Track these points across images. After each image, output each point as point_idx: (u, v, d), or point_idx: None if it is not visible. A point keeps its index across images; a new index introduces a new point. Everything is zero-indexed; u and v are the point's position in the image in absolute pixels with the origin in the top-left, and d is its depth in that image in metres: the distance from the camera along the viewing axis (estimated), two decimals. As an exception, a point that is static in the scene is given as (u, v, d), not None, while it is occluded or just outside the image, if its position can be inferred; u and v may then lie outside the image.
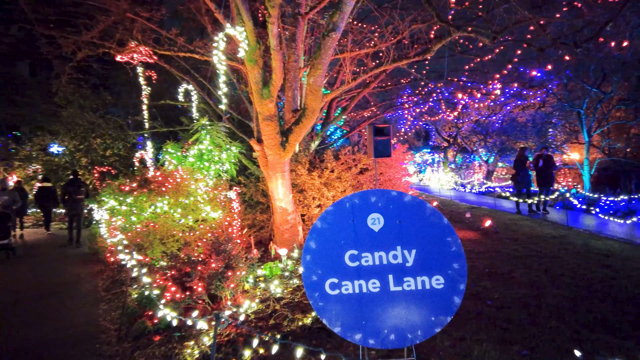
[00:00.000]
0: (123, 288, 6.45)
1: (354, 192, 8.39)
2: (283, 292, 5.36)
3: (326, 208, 8.40)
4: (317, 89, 6.53)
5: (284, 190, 7.31)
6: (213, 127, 10.75)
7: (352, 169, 8.66)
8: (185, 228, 8.29)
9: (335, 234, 2.85)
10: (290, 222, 7.47)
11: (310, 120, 6.80)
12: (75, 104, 16.67)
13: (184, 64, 12.40)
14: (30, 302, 6.20)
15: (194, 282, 4.39)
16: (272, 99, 6.53)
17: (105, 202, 8.88)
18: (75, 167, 16.47)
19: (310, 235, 2.95)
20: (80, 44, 7.55)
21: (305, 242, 2.97)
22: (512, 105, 22.36)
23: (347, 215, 2.83)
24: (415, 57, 7.57)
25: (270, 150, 6.96)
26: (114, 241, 8.04)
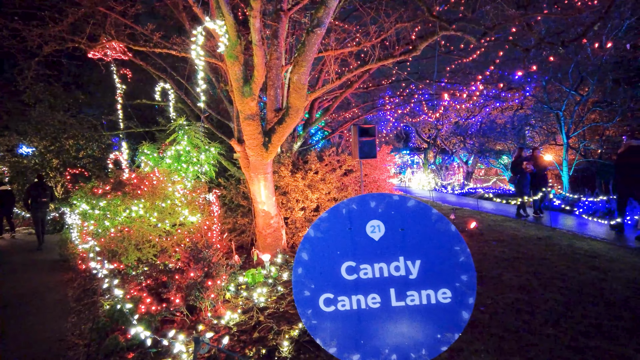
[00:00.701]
0: (94, 298, 6.04)
1: (341, 195, 8.14)
2: (267, 301, 5.07)
3: (314, 211, 8.17)
4: (301, 87, 6.27)
5: (266, 193, 7.01)
6: (191, 127, 10.36)
7: (337, 171, 8.43)
8: (162, 233, 7.89)
9: (330, 244, 2.58)
10: (273, 226, 7.17)
11: (294, 119, 6.54)
12: (45, 103, 15.91)
13: (161, 62, 11.94)
14: (-9, 316, 5.72)
15: (171, 293, 4.06)
16: (254, 97, 6.23)
17: (77, 205, 8.39)
18: (46, 169, 15.73)
19: (302, 245, 2.68)
20: (47, 37, 7.06)
21: (296, 254, 2.69)
22: (491, 107, 22.63)
23: (343, 222, 2.57)
24: (401, 55, 7.40)
25: (252, 151, 6.66)
26: (86, 247, 7.58)
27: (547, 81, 15.66)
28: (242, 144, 7.24)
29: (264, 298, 5.11)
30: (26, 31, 7.12)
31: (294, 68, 6.15)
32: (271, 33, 6.77)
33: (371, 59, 7.39)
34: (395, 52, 7.41)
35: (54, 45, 7.31)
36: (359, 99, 17.10)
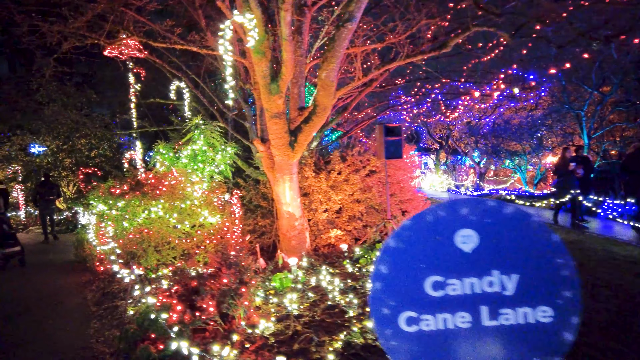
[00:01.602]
0: (116, 302, 5.84)
1: (365, 196, 7.86)
2: (300, 308, 4.83)
3: (336, 212, 7.90)
4: (329, 84, 6.03)
5: (291, 194, 6.77)
6: (207, 126, 10.14)
7: (361, 171, 8.17)
8: (181, 234, 7.68)
9: (414, 256, 2.32)
10: (297, 228, 6.93)
11: (322, 118, 6.30)
12: (58, 102, 15.82)
13: (176, 60, 11.75)
14: (8, 320, 5.53)
15: (205, 301, 3.83)
16: (281, 95, 6.00)
17: (93, 206, 8.21)
18: (59, 168, 15.63)
19: (381, 257, 2.42)
20: (67, 33, 6.88)
21: (374, 266, 2.44)
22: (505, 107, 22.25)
23: (429, 231, 2.31)
24: (431, 52, 7.14)
25: (277, 150, 6.42)
26: (105, 249, 7.39)
27: (568, 80, 15.29)
28: (265, 144, 7.00)
29: (296, 305, 4.87)
30: (46, 27, 6.93)
31: (323, 64, 5.91)
32: (295, 29, 6.54)
33: (399, 56, 7.12)
34: (425, 49, 7.14)
35: (73, 42, 7.12)
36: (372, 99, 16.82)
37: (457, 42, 7.39)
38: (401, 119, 25.40)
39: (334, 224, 8.07)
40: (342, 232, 7.78)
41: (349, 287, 5.59)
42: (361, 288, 5.54)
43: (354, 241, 7.98)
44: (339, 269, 6.58)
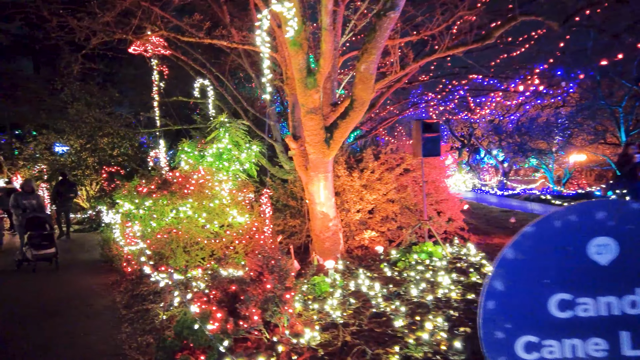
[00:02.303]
0: (147, 305, 5.61)
1: (399, 196, 7.50)
2: (343, 315, 4.50)
3: (369, 213, 7.55)
4: (368, 78, 5.70)
5: (326, 194, 6.46)
6: (232, 124, 9.91)
7: (395, 170, 7.81)
8: (210, 234, 7.45)
9: (537, 269, 1.97)
10: (331, 229, 6.62)
11: (359, 113, 5.97)
12: (82, 101, 15.86)
13: (200, 57, 11.56)
14: (37, 322, 5.35)
15: (249, 309, 3.54)
16: (318, 89, 5.69)
17: (120, 205, 8.04)
18: (82, 167, 15.66)
19: (496, 270, 2.06)
20: (95, 28, 6.71)
21: (487, 282, 2.10)
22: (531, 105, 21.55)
23: (555, 239, 1.96)
24: (474, 43, 6.73)
25: (312, 147, 6.11)
26: (133, 250, 7.20)
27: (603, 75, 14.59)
28: (297, 141, 6.72)
29: (339, 312, 4.55)
30: (75, 23, 6.78)
31: (362, 56, 5.58)
32: (330, 20, 6.21)
33: (439, 48, 6.73)
34: (467, 40, 6.74)
35: (102, 37, 6.95)
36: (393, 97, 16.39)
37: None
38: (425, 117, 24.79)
39: (366, 224, 7.73)
40: (377, 234, 7.43)
41: (391, 292, 5.25)
42: (405, 294, 5.19)
43: (388, 243, 7.62)
44: (377, 273, 6.23)
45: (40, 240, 8.14)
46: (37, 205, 8.81)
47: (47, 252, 8.13)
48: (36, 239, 8.09)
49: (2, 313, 5.72)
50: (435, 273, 5.92)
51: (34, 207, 8.73)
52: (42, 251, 8.06)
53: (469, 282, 5.60)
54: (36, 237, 8.10)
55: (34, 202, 8.84)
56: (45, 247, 8.15)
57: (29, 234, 8.08)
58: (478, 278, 5.72)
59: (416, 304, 4.86)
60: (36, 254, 8.00)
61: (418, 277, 5.78)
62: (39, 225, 8.31)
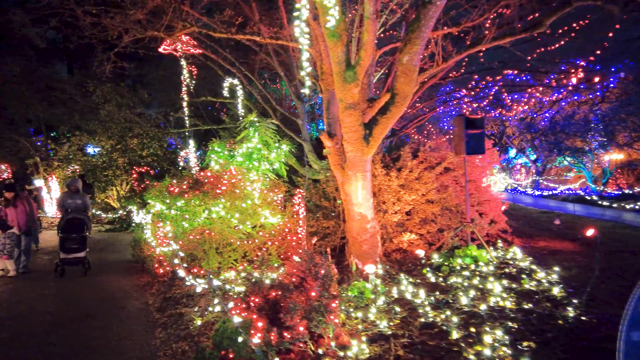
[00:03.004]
0: (180, 309, 5.42)
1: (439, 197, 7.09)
2: (390, 326, 4.17)
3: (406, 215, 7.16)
4: (411, 70, 5.34)
5: (364, 194, 6.13)
6: (262, 123, 9.70)
7: (436, 168, 7.40)
8: (242, 235, 7.24)
9: None
10: (369, 231, 6.28)
11: (401, 108, 5.62)
12: (113, 102, 16.08)
13: (229, 56, 11.44)
14: (71, 325, 5.23)
15: (294, 319, 3.26)
16: (358, 83, 5.37)
17: (151, 205, 7.94)
18: (112, 167, 15.85)
19: None
20: (128, 23, 6.60)
21: (632, 307, 1.71)
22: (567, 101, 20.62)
23: None
24: (522, 33, 6.28)
25: (350, 145, 5.79)
26: (165, 251, 7.07)
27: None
28: (333, 139, 6.41)
29: (386, 321, 4.21)
30: (107, 20, 6.71)
31: (405, 47, 5.23)
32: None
33: (486, 38, 6.30)
34: (516, 29, 6.28)
35: (134, 35, 6.85)
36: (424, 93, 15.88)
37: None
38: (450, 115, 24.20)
39: (404, 226, 7.35)
40: (416, 237, 7.05)
41: (439, 300, 4.88)
42: (454, 302, 4.81)
43: (428, 246, 7.23)
44: (419, 279, 5.86)
45: (71, 244, 7.77)
46: (81, 205, 8.41)
47: (77, 256, 7.73)
48: (66, 242, 7.73)
49: (35, 315, 5.64)
50: (484, 279, 5.51)
51: (78, 207, 8.30)
52: (71, 255, 7.70)
53: (522, 290, 5.16)
54: (66, 239, 7.75)
55: (79, 202, 8.42)
56: (75, 250, 7.75)
57: (60, 236, 7.75)
58: (532, 285, 5.27)
59: (468, 313, 4.48)
60: (64, 257, 7.67)
61: (466, 284, 5.38)
62: (76, 227, 7.92)
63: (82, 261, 7.79)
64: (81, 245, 7.81)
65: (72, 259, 7.71)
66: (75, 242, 7.77)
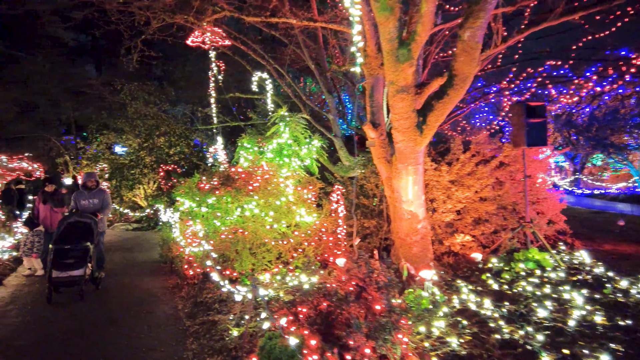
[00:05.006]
0: (213, 316, 4.90)
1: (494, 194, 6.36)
2: (461, 343, 3.51)
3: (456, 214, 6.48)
4: (473, 47, 4.67)
5: (415, 190, 5.47)
6: (292, 118, 9.18)
7: (491, 163, 6.66)
8: (277, 235, 6.70)
9: None
10: (420, 232, 5.61)
11: (460, 91, 4.95)
12: (140, 100, 15.93)
13: (258, 49, 10.97)
14: (95, 332, 4.78)
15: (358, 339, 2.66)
16: (412, 62, 4.73)
17: (181, 202, 7.50)
18: (139, 166, 15.66)
19: None
20: (157, 8, 6.16)
21: None
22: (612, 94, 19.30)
23: None
24: (596, 6, 5.50)
25: (401, 134, 5.15)
26: (195, 251, 6.60)
27: None
28: (377, 129, 5.78)
29: (455, 337, 3.56)
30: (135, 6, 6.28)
31: (467, 21, 4.56)
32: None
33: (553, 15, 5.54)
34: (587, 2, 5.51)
35: (162, 19, 6.41)
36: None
37: None
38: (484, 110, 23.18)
39: (453, 227, 6.65)
40: (470, 238, 6.35)
41: (512, 312, 4.18)
42: (530, 315, 4.10)
43: (482, 249, 6.50)
44: (479, 285, 5.16)
45: (64, 257, 5.84)
46: (98, 205, 6.86)
47: (71, 274, 5.78)
48: (59, 255, 5.82)
49: (59, 320, 5.23)
50: (557, 287, 4.77)
51: (94, 208, 6.80)
52: (63, 273, 5.74)
53: (609, 302, 4.41)
54: (60, 251, 5.84)
55: (96, 201, 6.85)
56: (69, 267, 5.79)
57: (51, 247, 5.87)
58: (619, 296, 4.50)
59: (552, 329, 3.77)
60: (55, 276, 5.69)
61: (538, 293, 4.66)
62: (76, 234, 6.12)
63: (77, 282, 5.79)
64: (80, 259, 5.90)
65: (65, 278, 5.77)
66: (71, 255, 5.89)
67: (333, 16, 8.29)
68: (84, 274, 5.89)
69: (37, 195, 7.57)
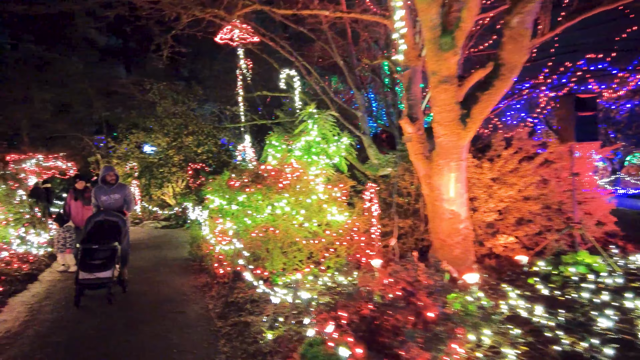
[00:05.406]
0: (245, 318, 4.74)
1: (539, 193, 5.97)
2: (518, 355, 3.21)
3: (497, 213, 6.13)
4: (522, 34, 4.34)
5: (458, 188, 5.15)
6: (320, 115, 8.98)
7: (535, 159, 6.26)
8: (307, 234, 6.51)
9: None
10: (462, 232, 5.29)
11: (507, 82, 4.61)
12: (168, 99, 16.09)
13: (287, 46, 10.85)
14: (125, 331, 4.69)
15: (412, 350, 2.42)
16: (456, 51, 4.43)
17: (210, 200, 7.41)
18: (168, 165, 15.79)
19: None
20: (187, 2, 6.07)
21: None
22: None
23: None
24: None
25: (443, 128, 4.85)
26: (225, 250, 6.48)
27: None
28: (415, 123, 5.49)
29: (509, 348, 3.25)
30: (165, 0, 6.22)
31: (515, 6, 4.25)
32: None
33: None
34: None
35: (193, 13, 6.31)
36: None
37: None
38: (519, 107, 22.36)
39: (494, 227, 6.28)
40: (514, 239, 5.97)
41: (568, 320, 3.83)
42: (590, 324, 3.74)
43: (525, 251, 6.11)
44: (527, 290, 4.80)
45: (93, 258, 5.58)
46: (120, 201, 6.41)
47: (99, 276, 5.47)
48: (86, 255, 5.58)
49: (90, 318, 5.19)
50: (617, 295, 4.37)
51: (116, 204, 6.36)
52: (92, 274, 5.45)
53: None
54: (88, 252, 5.61)
55: (117, 196, 6.38)
56: (96, 268, 5.49)
57: (79, 247, 5.75)
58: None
59: (620, 342, 3.41)
60: (83, 278, 5.44)
61: (596, 300, 4.28)
62: (105, 233, 5.83)
63: (104, 284, 5.51)
64: (107, 260, 5.62)
65: (94, 280, 5.47)
66: (99, 256, 5.62)
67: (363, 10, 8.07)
68: (112, 275, 5.58)
69: (69, 192, 7.61)
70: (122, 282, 6.10)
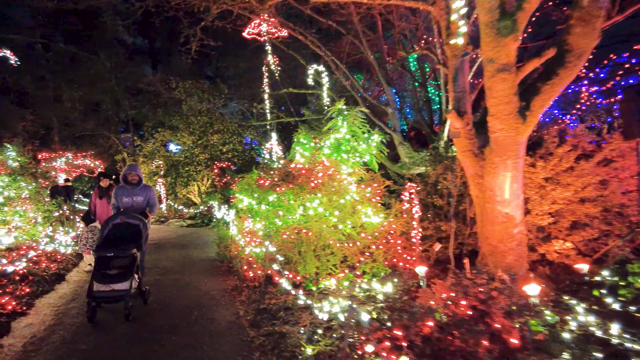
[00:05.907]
0: (279, 327, 4.39)
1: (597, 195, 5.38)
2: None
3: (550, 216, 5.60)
4: (594, 15, 3.85)
5: (514, 189, 4.66)
6: (350, 112, 8.58)
7: (594, 157, 5.69)
8: (341, 236, 6.12)
9: None
10: (516, 237, 4.80)
11: (574, 70, 4.11)
12: (194, 97, 16.00)
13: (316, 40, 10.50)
14: (155, 338, 4.42)
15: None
16: (517, 36, 3.96)
17: (239, 199, 7.12)
18: (194, 163, 15.69)
19: None
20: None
21: None
22: None
23: None
24: None
25: (500, 122, 4.38)
26: (256, 252, 6.16)
27: None
28: (463, 118, 5.03)
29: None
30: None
31: (588, -18, 3.72)
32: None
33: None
34: None
35: (224, 3, 6.02)
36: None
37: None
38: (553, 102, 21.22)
39: (545, 231, 5.74)
40: (571, 245, 5.43)
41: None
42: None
43: (581, 258, 5.55)
44: (593, 304, 4.28)
45: (107, 267, 4.94)
46: (143, 203, 5.92)
47: (115, 288, 4.80)
48: (101, 264, 4.96)
49: (118, 324, 4.94)
50: None
51: (139, 206, 5.89)
52: (108, 286, 4.79)
53: None
54: (101, 260, 4.99)
55: (140, 198, 5.90)
56: (112, 279, 4.83)
57: (95, 255, 5.14)
58: None
59: None
60: (97, 290, 4.77)
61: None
62: (124, 238, 5.25)
63: (121, 297, 4.81)
64: (125, 270, 4.94)
65: (107, 293, 4.79)
66: (115, 265, 4.98)
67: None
68: (130, 287, 4.85)
69: (94, 190, 7.46)
70: (142, 293, 5.47)
